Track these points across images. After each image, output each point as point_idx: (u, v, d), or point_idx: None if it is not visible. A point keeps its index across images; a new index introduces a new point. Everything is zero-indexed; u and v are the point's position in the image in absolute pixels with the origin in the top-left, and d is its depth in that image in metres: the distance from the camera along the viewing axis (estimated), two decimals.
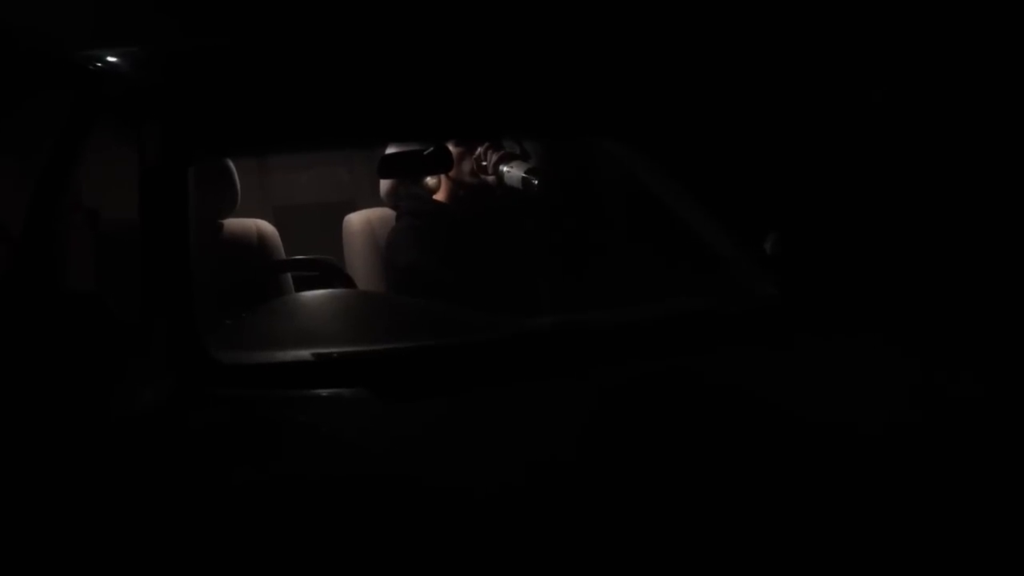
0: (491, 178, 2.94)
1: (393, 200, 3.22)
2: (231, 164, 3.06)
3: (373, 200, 3.40)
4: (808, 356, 2.08)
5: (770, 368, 2.02)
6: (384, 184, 3.22)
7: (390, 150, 2.95)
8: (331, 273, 2.85)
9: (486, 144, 2.91)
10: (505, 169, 2.88)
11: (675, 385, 1.94)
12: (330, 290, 2.54)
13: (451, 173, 2.97)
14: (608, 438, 1.75)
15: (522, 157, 2.92)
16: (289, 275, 3.13)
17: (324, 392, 1.85)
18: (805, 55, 4.66)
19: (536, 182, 2.83)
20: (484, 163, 2.93)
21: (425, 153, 2.72)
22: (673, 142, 2.72)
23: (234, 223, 3.19)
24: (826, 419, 1.79)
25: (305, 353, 1.92)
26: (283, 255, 3.22)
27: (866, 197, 4.39)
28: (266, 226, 3.25)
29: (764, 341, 2.14)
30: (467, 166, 2.97)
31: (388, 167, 2.88)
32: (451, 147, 2.87)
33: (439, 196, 3.08)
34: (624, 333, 2.16)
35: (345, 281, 2.81)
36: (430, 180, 3.05)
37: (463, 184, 2.99)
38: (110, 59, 2.45)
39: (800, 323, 2.24)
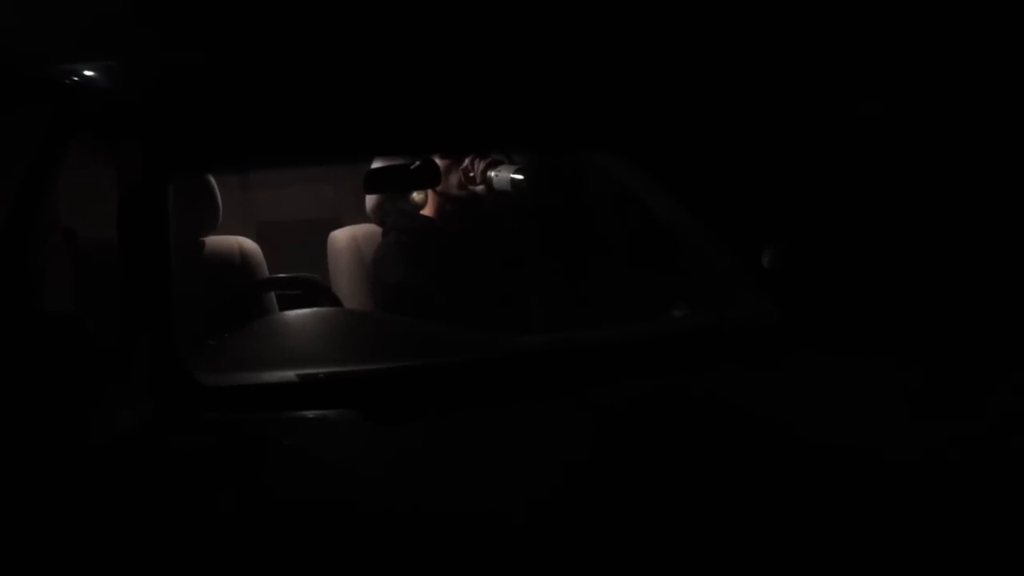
0: (480, 188, 2.95)
1: (379, 216, 3.22)
2: (212, 180, 3.07)
3: (359, 216, 3.41)
4: (809, 375, 2.09)
5: (769, 388, 2.02)
6: (370, 199, 3.22)
7: (376, 164, 2.96)
8: (316, 291, 2.85)
9: (472, 155, 2.92)
10: (493, 175, 2.89)
11: (671, 405, 1.94)
12: (315, 309, 2.55)
13: (438, 187, 2.98)
14: (604, 460, 1.75)
15: (509, 161, 2.93)
16: (273, 294, 3.13)
17: (310, 414, 1.85)
18: (803, 62, 4.68)
19: (524, 181, 2.83)
20: (472, 174, 2.94)
21: (412, 167, 2.73)
22: (666, 152, 2.73)
23: (216, 241, 3.19)
24: (828, 442, 1.79)
25: (290, 374, 1.93)
26: (266, 273, 3.22)
27: (869, 208, 4.41)
28: (249, 244, 3.25)
29: (762, 360, 2.15)
30: (454, 179, 2.98)
31: (374, 182, 2.89)
32: (438, 160, 2.88)
33: (427, 211, 3.09)
34: (619, 352, 2.17)
35: (330, 299, 2.81)
36: (417, 195, 3.06)
37: (451, 197, 2.99)
38: (87, 73, 2.46)
39: (800, 341, 2.25)
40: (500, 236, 3.02)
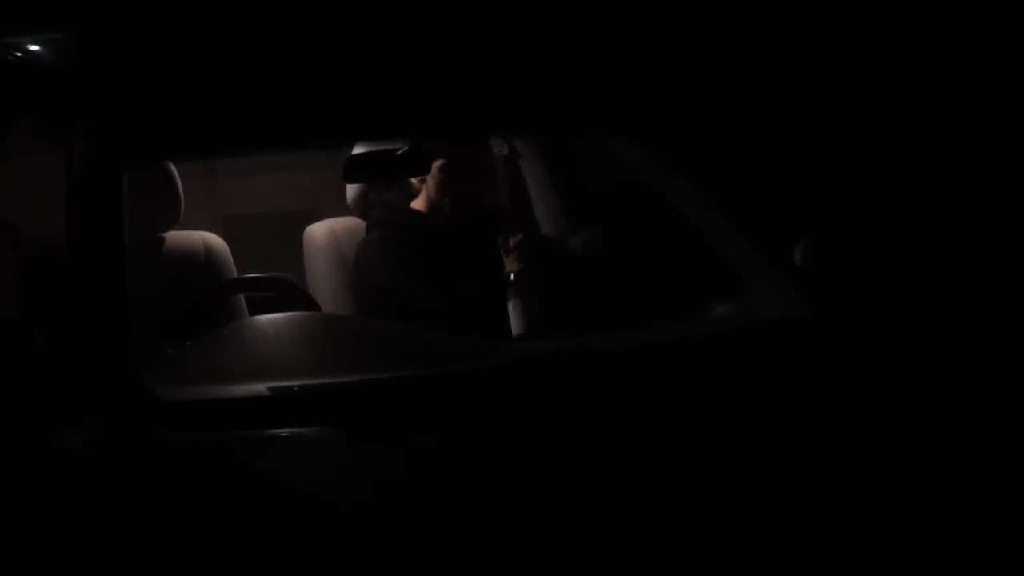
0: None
1: (362, 208, 3.23)
2: (173, 168, 3.07)
3: (339, 208, 3.41)
4: (847, 385, 2.08)
5: (802, 401, 2.02)
6: (351, 189, 3.22)
7: (358, 150, 2.96)
8: (290, 294, 2.85)
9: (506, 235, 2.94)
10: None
11: (691, 421, 1.94)
12: (289, 313, 2.54)
13: (446, 185, 2.98)
14: (614, 485, 1.75)
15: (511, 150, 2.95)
16: (242, 296, 3.13)
17: (284, 432, 1.85)
18: (842, 42, 4.69)
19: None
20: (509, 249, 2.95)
21: (398, 153, 2.73)
22: (682, 133, 2.73)
23: (177, 237, 3.19)
24: (869, 459, 1.79)
25: (261, 387, 1.93)
26: (234, 273, 3.22)
27: (911, 199, 4.40)
28: (214, 240, 3.25)
29: (795, 367, 2.15)
30: (468, 186, 3.00)
31: (355, 170, 2.89)
32: (440, 160, 2.90)
33: (417, 204, 3.09)
34: (630, 360, 2.16)
35: (306, 303, 2.81)
36: (415, 180, 3.06)
37: (456, 203, 3.01)
38: (32, 48, 2.46)
39: (836, 346, 2.24)
40: (497, 232, 3.02)
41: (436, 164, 2.98)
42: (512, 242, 2.93)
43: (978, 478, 1.74)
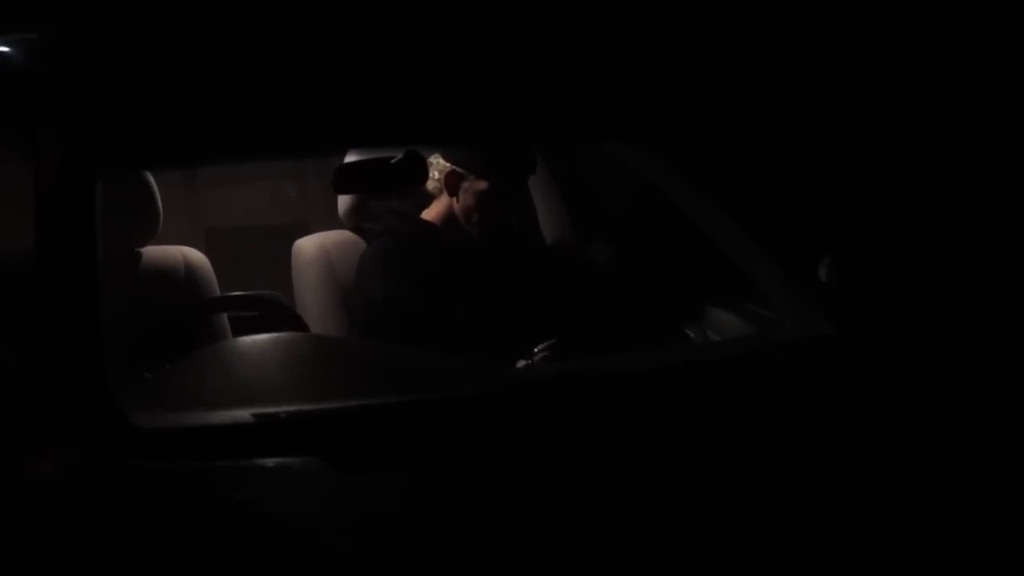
0: None
1: (354, 220, 3.23)
2: (151, 178, 3.07)
3: (330, 221, 3.42)
4: (873, 411, 2.08)
5: (827, 428, 2.02)
6: (343, 201, 3.23)
7: (349, 158, 2.96)
8: (277, 313, 2.85)
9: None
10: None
11: (708, 448, 1.94)
12: (275, 334, 2.54)
13: (481, 210, 3.01)
14: (624, 519, 1.74)
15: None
16: (224, 316, 3.13)
17: (269, 463, 1.85)
18: (874, 38, 4.70)
19: None
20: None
21: (392, 162, 2.73)
22: (696, 138, 2.72)
23: (155, 252, 3.19)
24: (899, 496, 1.78)
25: (244, 414, 1.92)
26: (217, 291, 3.22)
27: (946, 210, 4.40)
28: (195, 255, 3.25)
29: (818, 391, 2.14)
30: (503, 215, 3.01)
31: (346, 180, 2.89)
32: (484, 183, 2.96)
33: (430, 215, 3.09)
34: (641, 384, 2.16)
35: (294, 323, 2.81)
36: (431, 183, 3.06)
37: (484, 227, 3.02)
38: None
39: (863, 369, 2.24)
40: (513, 248, 3.03)
41: (477, 188, 3.00)
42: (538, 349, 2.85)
43: (1010, 508, 1.74)
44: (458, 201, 3.05)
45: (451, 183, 3.04)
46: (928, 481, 1.82)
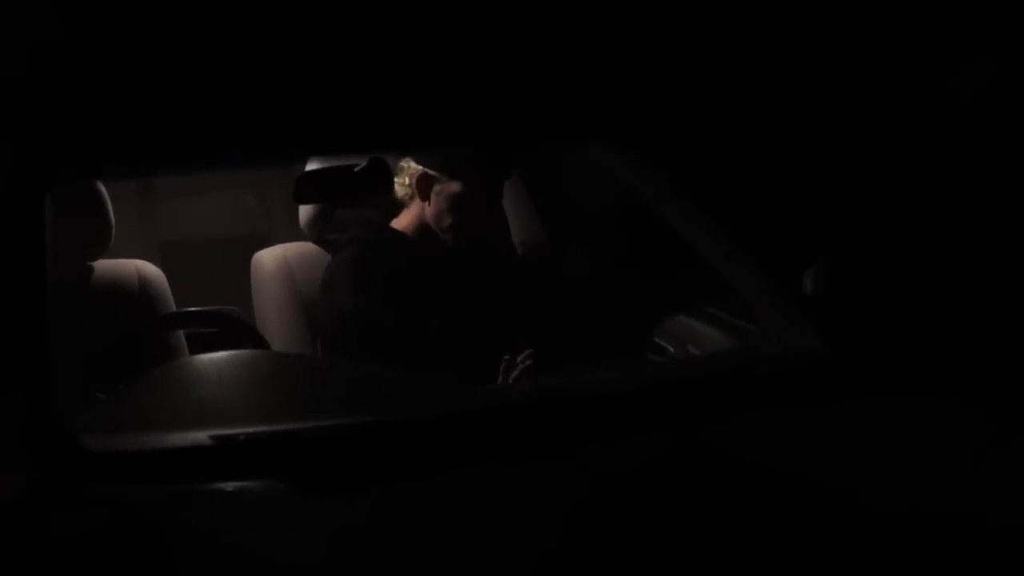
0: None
1: (317, 232, 3.22)
2: (102, 188, 3.06)
3: (291, 232, 3.41)
4: (864, 427, 2.09)
5: (814, 444, 2.02)
6: (305, 211, 3.22)
7: (311, 166, 2.96)
8: (236, 329, 2.85)
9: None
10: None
11: (690, 467, 1.94)
12: (234, 352, 2.53)
13: (455, 215, 2.99)
14: (605, 541, 1.74)
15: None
16: (181, 332, 3.12)
17: (228, 487, 1.84)
18: (866, 31, 4.71)
19: None
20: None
21: (356, 169, 2.73)
22: (675, 141, 2.73)
23: (108, 266, 3.18)
24: (890, 510, 1.79)
25: (202, 436, 1.91)
26: (173, 307, 3.21)
27: (937, 217, 4.42)
28: (150, 269, 3.24)
29: (805, 407, 2.15)
30: (478, 221, 3.01)
31: (308, 189, 2.89)
32: (457, 185, 2.94)
33: (400, 224, 3.09)
34: (623, 401, 2.16)
35: (254, 339, 2.81)
36: (399, 188, 3.05)
37: (459, 235, 3.01)
38: None
39: (851, 383, 2.25)
40: (488, 258, 3.03)
41: (450, 190, 2.99)
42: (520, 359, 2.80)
43: (1008, 532, 1.74)
44: (430, 206, 3.04)
45: (423, 187, 3.03)
46: (920, 496, 1.83)
